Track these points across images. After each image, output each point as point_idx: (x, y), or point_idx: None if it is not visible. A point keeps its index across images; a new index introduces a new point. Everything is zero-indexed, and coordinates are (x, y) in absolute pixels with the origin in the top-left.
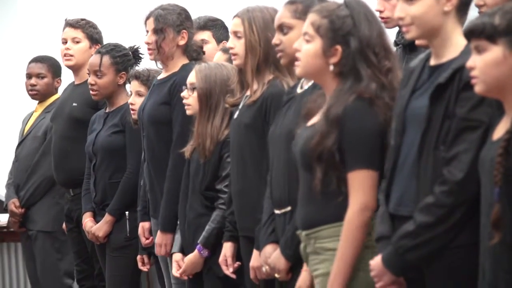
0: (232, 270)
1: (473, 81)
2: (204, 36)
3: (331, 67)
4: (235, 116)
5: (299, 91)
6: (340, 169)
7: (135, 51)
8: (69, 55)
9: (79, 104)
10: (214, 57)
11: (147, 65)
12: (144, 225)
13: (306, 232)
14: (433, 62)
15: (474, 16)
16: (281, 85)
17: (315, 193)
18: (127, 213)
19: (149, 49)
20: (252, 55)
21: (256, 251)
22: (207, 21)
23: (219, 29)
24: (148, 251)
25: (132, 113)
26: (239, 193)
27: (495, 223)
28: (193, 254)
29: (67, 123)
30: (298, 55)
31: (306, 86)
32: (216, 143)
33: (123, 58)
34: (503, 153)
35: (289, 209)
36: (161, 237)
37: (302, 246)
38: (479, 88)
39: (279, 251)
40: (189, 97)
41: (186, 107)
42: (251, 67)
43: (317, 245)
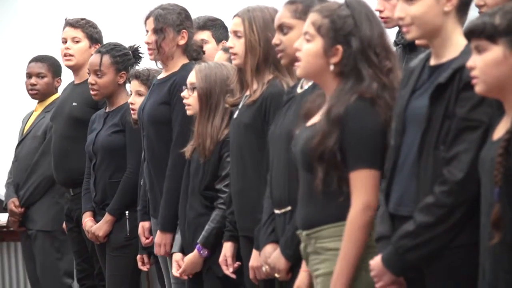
0: (232, 270)
1: (473, 81)
2: (203, 36)
3: (332, 67)
4: (235, 116)
5: (299, 91)
6: (341, 169)
7: (135, 50)
8: (69, 55)
9: (79, 103)
10: (214, 57)
11: (147, 64)
12: (144, 224)
13: (306, 232)
14: (433, 62)
15: (474, 16)
16: (281, 85)
17: (316, 193)
18: (127, 212)
19: (149, 49)
20: (251, 55)
21: (255, 251)
22: (206, 21)
23: (219, 29)
24: (148, 250)
25: (132, 112)
26: (239, 193)
27: (495, 223)
28: (192, 254)
29: (67, 122)
30: (298, 54)
31: (306, 86)
32: (216, 142)
33: (123, 57)
34: (503, 153)
35: (289, 209)
36: (161, 237)
37: (302, 246)
38: (479, 88)
39: (279, 251)
40: (189, 97)
41: (186, 107)
42: (250, 67)
43: (317, 245)
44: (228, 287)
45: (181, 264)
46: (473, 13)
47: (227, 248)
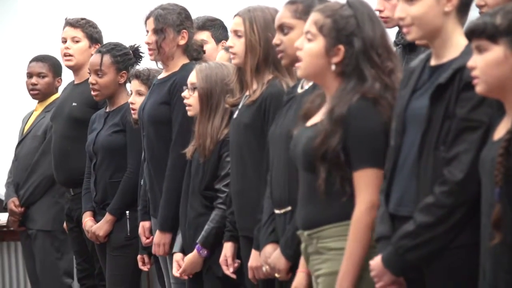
0: (232, 270)
1: (474, 81)
2: (203, 36)
3: (333, 67)
4: (235, 116)
5: (299, 91)
6: (344, 168)
7: (135, 50)
8: (68, 55)
9: (78, 103)
10: (215, 56)
11: (147, 64)
12: (144, 224)
13: (308, 232)
14: (433, 62)
15: (475, 16)
16: (280, 85)
17: (318, 193)
18: (127, 212)
19: (150, 49)
20: (252, 55)
21: (254, 251)
22: (206, 21)
23: (218, 29)
24: (148, 250)
25: (132, 112)
26: (239, 193)
27: (495, 224)
28: (192, 253)
29: (67, 122)
30: (299, 54)
31: (306, 86)
32: (215, 142)
33: (124, 57)
34: (503, 153)
35: (289, 209)
36: (160, 237)
37: (303, 246)
38: (480, 88)
39: (279, 251)
40: (190, 97)
41: (187, 108)
42: (250, 67)
43: (319, 245)
44: (228, 287)
45: (181, 264)
46: (473, 13)
47: (227, 248)
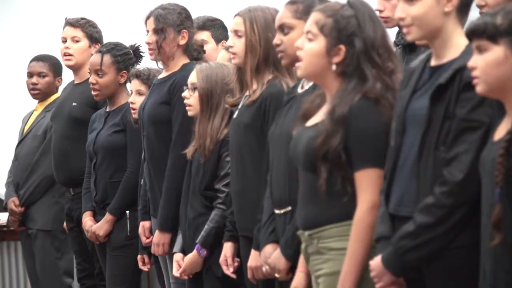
0: (232, 270)
1: (474, 81)
2: (203, 36)
3: (334, 67)
4: (235, 116)
5: (299, 91)
6: (345, 168)
7: (136, 49)
8: (68, 54)
9: (78, 103)
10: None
11: (147, 64)
12: (144, 224)
13: (309, 232)
14: (433, 62)
15: (475, 16)
16: (280, 85)
17: (319, 193)
18: (127, 212)
19: (150, 49)
20: (252, 55)
21: (254, 251)
22: (206, 21)
23: (218, 29)
24: (148, 250)
25: (132, 112)
26: (239, 193)
27: (496, 224)
28: (192, 253)
29: (67, 122)
30: (299, 53)
31: (307, 86)
32: (215, 142)
33: (124, 57)
34: (504, 154)
35: (290, 209)
36: (159, 237)
37: (303, 246)
38: (480, 88)
39: (279, 251)
40: (190, 97)
41: (187, 108)
42: (250, 67)
43: (320, 245)
44: (228, 287)
45: (181, 264)
46: (474, 14)
47: (227, 248)
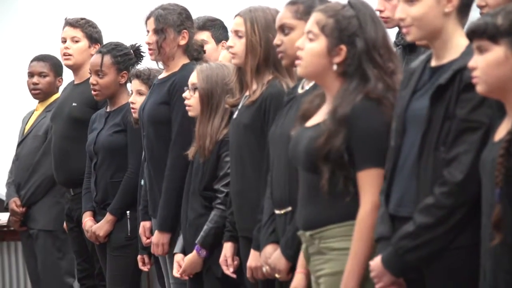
0: (232, 270)
1: (474, 80)
2: (203, 36)
3: (335, 67)
4: (234, 116)
5: (300, 91)
6: (348, 168)
7: (136, 49)
8: (68, 54)
9: (78, 104)
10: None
11: (148, 64)
12: (145, 224)
13: (310, 232)
14: (434, 63)
15: (476, 17)
16: (280, 85)
17: (320, 193)
18: (128, 212)
19: (150, 49)
20: (252, 55)
21: (253, 251)
22: (206, 21)
23: (218, 29)
24: (148, 250)
25: (132, 111)
26: (238, 194)
27: (496, 224)
28: (192, 254)
29: (67, 123)
30: (299, 53)
31: (307, 86)
32: (215, 142)
33: (124, 57)
34: (504, 154)
35: (290, 209)
36: (159, 237)
37: (303, 246)
38: (480, 88)
39: (279, 251)
40: (190, 98)
41: (188, 108)
42: (250, 67)
43: (321, 245)
44: (227, 287)
45: (181, 264)
46: (474, 14)
47: (227, 248)
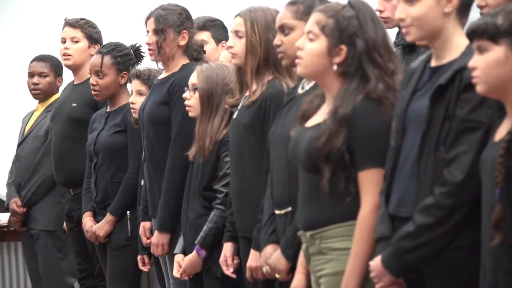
0: (232, 270)
1: (474, 81)
2: (203, 36)
3: (335, 67)
4: (234, 116)
5: (300, 91)
6: (349, 168)
7: (136, 49)
8: (67, 55)
9: (78, 104)
10: (215, 57)
11: (148, 64)
12: (145, 224)
13: (311, 232)
14: (434, 63)
15: (476, 17)
16: (280, 85)
17: (321, 193)
18: (128, 212)
19: (150, 50)
20: (252, 56)
21: (253, 251)
22: (206, 22)
23: (218, 29)
24: (148, 251)
25: (132, 111)
26: (238, 194)
27: (496, 224)
28: (191, 254)
29: (67, 123)
30: (299, 53)
31: (307, 86)
32: (214, 143)
33: (124, 57)
34: (504, 154)
35: (290, 209)
36: (158, 237)
37: (304, 247)
38: (480, 88)
39: (279, 251)
40: (191, 98)
41: (188, 109)
42: (250, 68)
43: (322, 245)
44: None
45: (182, 265)
46: (475, 14)
47: (227, 248)
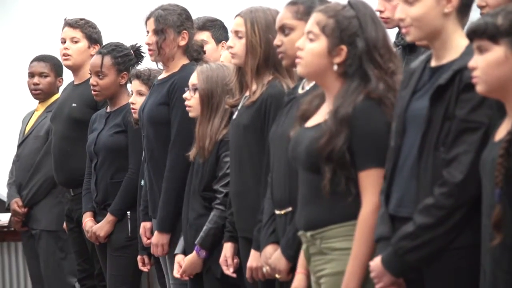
0: (232, 270)
1: (474, 81)
2: (203, 36)
3: (335, 67)
4: (234, 116)
5: (300, 92)
6: (349, 168)
7: (136, 49)
8: (67, 55)
9: (78, 104)
10: (215, 57)
11: (148, 64)
12: (145, 225)
13: (311, 232)
14: (433, 63)
15: (476, 17)
16: (280, 85)
17: (321, 193)
18: (128, 213)
19: (150, 50)
20: (252, 56)
21: (254, 251)
22: (206, 22)
23: (218, 30)
24: (148, 251)
25: (132, 112)
26: (238, 194)
27: (496, 224)
28: (191, 254)
29: (66, 123)
30: (299, 53)
31: (307, 87)
32: (214, 143)
33: (125, 58)
34: (504, 154)
35: (290, 209)
36: (158, 237)
37: (304, 247)
38: (480, 88)
39: (279, 251)
40: (191, 98)
41: (188, 109)
42: (250, 68)
43: (323, 245)
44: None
45: (182, 265)
46: (475, 14)
47: (227, 248)
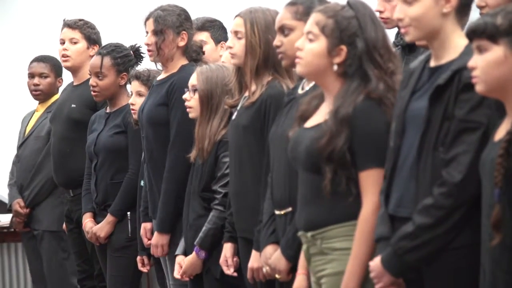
0: (232, 270)
1: (474, 80)
2: (202, 37)
3: (335, 67)
4: (233, 117)
5: (300, 92)
6: (350, 169)
7: (136, 50)
8: (66, 56)
9: (77, 105)
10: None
11: (147, 65)
12: (145, 225)
13: (312, 232)
14: (433, 63)
15: (475, 17)
16: (280, 86)
17: (322, 193)
18: (128, 213)
19: (149, 51)
20: (251, 57)
21: (255, 251)
22: (205, 22)
23: (217, 30)
24: (147, 252)
25: (132, 112)
26: (237, 195)
27: (495, 224)
28: (191, 255)
29: (66, 124)
30: (299, 54)
31: (307, 87)
32: (213, 143)
33: (124, 58)
34: (503, 154)
35: (290, 209)
36: (158, 238)
37: (304, 247)
38: (480, 88)
39: (279, 251)
40: (191, 99)
41: (188, 110)
42: (250, 68)
43: (324, 245)
44: None
45: (183, 266)
46: (474, 15)
47: (227, 249)
